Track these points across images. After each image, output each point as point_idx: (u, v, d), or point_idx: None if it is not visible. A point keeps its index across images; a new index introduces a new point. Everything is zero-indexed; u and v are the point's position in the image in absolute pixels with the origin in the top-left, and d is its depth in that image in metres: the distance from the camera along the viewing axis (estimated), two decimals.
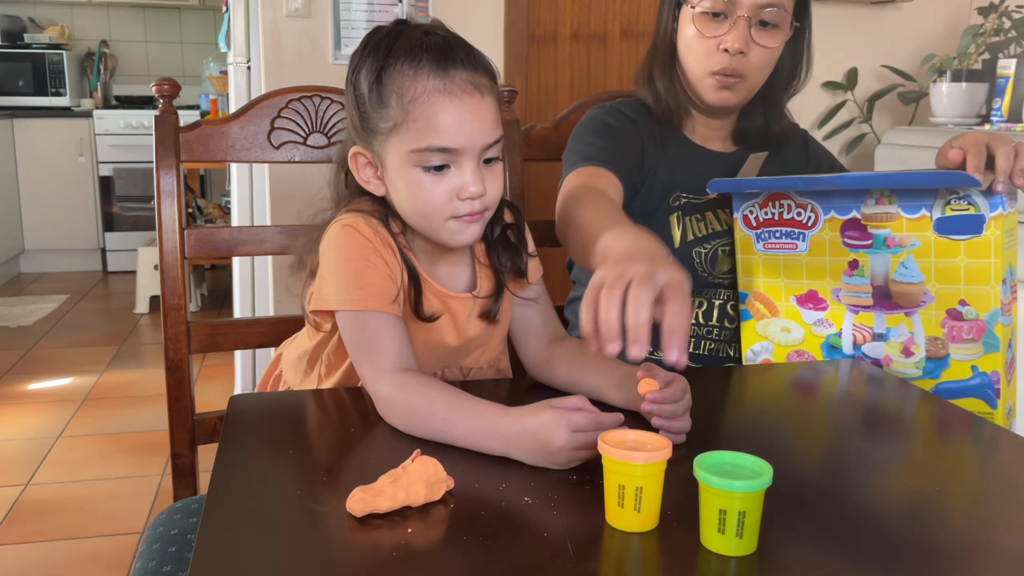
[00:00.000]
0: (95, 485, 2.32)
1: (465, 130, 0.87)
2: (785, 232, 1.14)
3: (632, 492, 0.64)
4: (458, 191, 0.88)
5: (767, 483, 0.62)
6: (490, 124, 0.89)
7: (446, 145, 0.86)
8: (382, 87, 0.88)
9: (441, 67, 0.87)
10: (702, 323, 1.25)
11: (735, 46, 1.14)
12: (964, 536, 0.67)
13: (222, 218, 4.07)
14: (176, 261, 1.18)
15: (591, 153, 1.18)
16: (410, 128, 0.87)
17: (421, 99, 0.86)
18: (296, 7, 2.41)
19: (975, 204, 1.03)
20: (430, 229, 0.92)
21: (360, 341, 0.90)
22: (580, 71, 2.79)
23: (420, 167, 0.88)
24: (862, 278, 1.11)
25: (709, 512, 0.62)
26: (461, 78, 0.87)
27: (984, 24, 2.60)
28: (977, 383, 1.08)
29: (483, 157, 0.89)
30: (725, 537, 0.62)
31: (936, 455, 0.87)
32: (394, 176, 0.91)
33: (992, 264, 1.03)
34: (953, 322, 1.07)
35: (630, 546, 0.64)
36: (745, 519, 0.61)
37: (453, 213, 0.89)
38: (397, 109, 0.87)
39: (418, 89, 0.86)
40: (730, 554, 0.62)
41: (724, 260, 1.24)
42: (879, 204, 1.08)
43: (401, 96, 0.87)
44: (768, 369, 1.15)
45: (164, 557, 1.02)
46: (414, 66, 0.87)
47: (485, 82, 0.89)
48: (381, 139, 0.90)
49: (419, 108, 0.86)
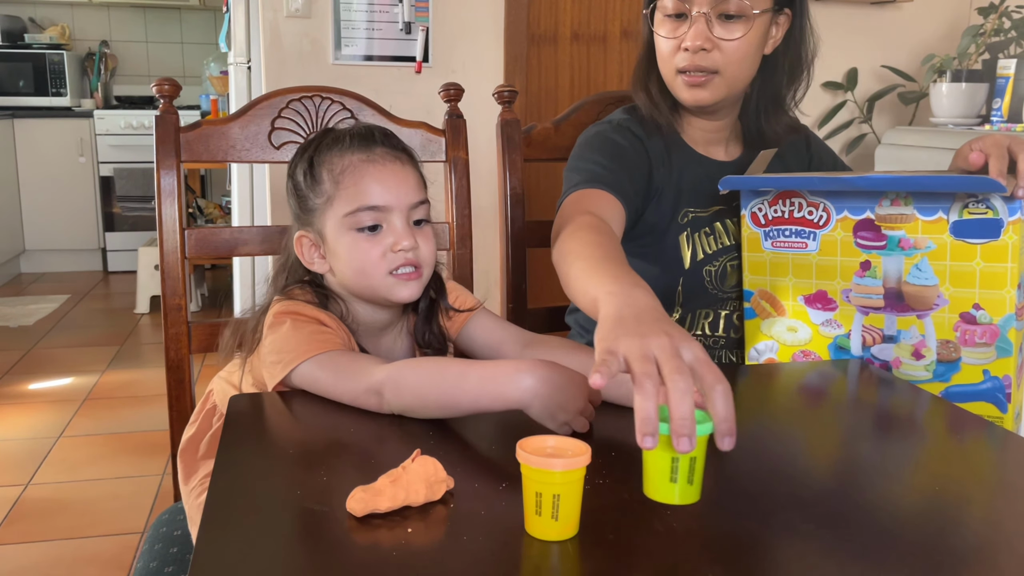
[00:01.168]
0: (95, 485, 2.32)
1: (390, 189, 0.96)
2: (795, 231, 1.14)
3: (549, 500, 0.63)
4: (392, 245, 0.96)
5: (709, 429, 0.66)
6: (413, 187, 0.99)
7: (375, 203, 0.95)
8: (314, 169, 0.99)
9: (364, 145, 0.98)
10: (708, 334, 1.25)
11: (694, 44, 1.13)
12: (972, 540, 0.67)
13: (222, 218, 4.07)
14: (176, 261, 1.18)
15: (594, 173, 1.16)
16: (342, 196, 0.96)
17: (348, 170, 0.97)
18: (296, 7, 2.41)
19: (994, 208, 1.02)
20: (371, 289, 0.98)
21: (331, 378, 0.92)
22: (580, 71, 2.79)
23: (355, 229, 0.96)
24: (874, 279, 1.10)
25: (658, 462, 0.66)
26: (382, 151, 0.98)
27: (984, 24, 2.60)
28: (988, 387, 1.07)
29: (412, 217, 0.98)
30: (677, 485, 0.67)
31: (944, 458, 0.87)
32: (334, 245, 0.98)
33: (1008, 269, 1.02)
34: (966, 326, 1.06)
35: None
36: (695, 465, 0.67)
37: (390, 267, 0.96)
38: (329, 183, 0.97)
39: (345, 163, 0.97)
40: (682, 503, 0.67)
41: (732, 275, 1.23)
42: (894, 205, 1.07)
43: (331, 171, 0.97)
44: (776, 369, 1.15)
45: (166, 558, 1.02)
46: (340, 148, 0.98)
47: (405, 156, 1.00)
48: (319, 215, 0.98)
49: (347, 177, 0.96)
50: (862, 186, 1.07)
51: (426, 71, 2.56)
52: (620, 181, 1.15)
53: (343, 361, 0.92)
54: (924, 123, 2.80)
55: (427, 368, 0.87)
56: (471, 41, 2.60)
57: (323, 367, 0.92)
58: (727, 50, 1.14)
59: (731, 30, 1.13)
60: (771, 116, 1.25)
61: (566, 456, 0.64)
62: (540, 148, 1.42)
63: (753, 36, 1.15)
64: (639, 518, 0.68)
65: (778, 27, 1.19)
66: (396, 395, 0.86)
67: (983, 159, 1.02)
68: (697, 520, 0.68)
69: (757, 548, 0.65)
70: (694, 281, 1.22)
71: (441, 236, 1.32)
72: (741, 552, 0.64)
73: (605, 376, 0.65)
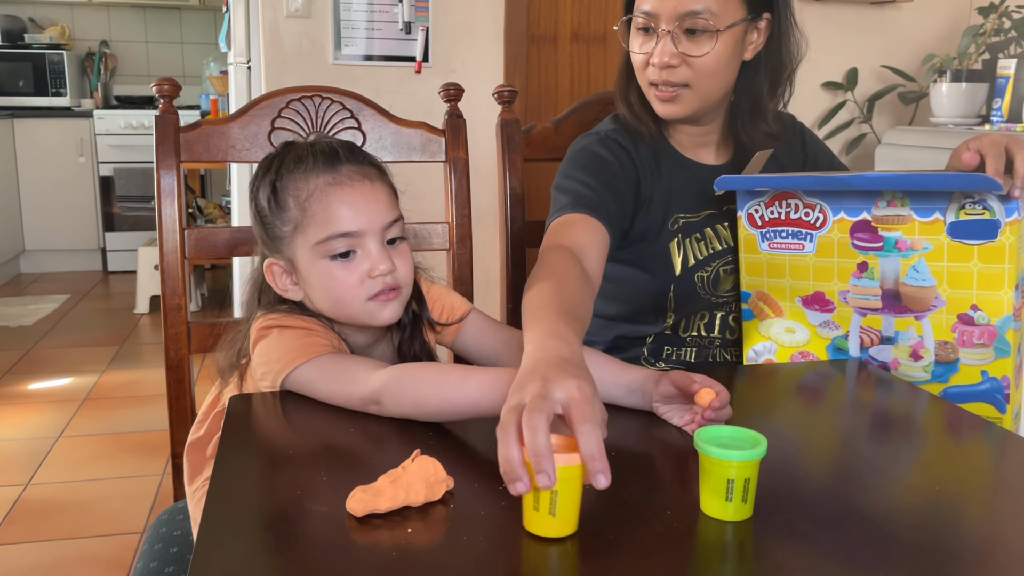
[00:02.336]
0: (95, 485, 2.32)
1: (361, 213, 0.92)
2: (792, 232, 1.14)
3: (547, 496, 0.63)
4: (368, 271, 0.93)
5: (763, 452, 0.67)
6: (385, 205, 0.94)
7: (346, 230, 0.91)
8: (278, 195, 0.94)
9: (328, 165, 0.93)
10: (704, 335, 1.25)
11: (660, 60, 1.12)
12: (971, 540, 0.67)
13: (222, 218, 4.07)
14: (176, 261, 1.18)
15: (579, 196, 1.15)
16: (311, 224, 0.92)
17: (315, 195, 0.92)
18: (296, 7, 2.41)
19: (990, 209, 1.02)
20: (349, 316, 0.95)
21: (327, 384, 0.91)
22: (580, 71, 2.79)
23: (327, 257, 0.92)
24: (871, 280, 1.10)
25: (715, 483, 0.67)
26: (348, 170, 0.93)
27: (984, 24, 2.60)
28: (986, 388, 1.07)
29: (386, 237, 0.94)
30: (732, 504, 0.67)
31: (943, 458, 0.86)
32: (306, 274, 0.94)
33: (1006, 269, 1.02)
34: (964, 327, 1.06)
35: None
36: (749, 486, 0.67)
37: (368, 294, 0.93)
38: (296, 210, 0.93)
39: (310, 187, 0.92)
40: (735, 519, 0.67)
41: (726, 280, 1.23)
42: (891, 206, 1.07)
43: (297, 197, 0.92)
44: (774, 369, 1.15)
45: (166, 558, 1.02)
46: (304, 170, 0.93)
47: (373, 172, 0.96)
48: (287, 243, 0.94)
49: (315, 203, 0.92)
50: (858, 185, 1.07)
51: (426, 71, 2.56)
52: (604, 203, 1.14)
53: (337, 366, 0.91)
54: (924, 123, 2.80)
55: (426, 374, 0.86)
56: (471, 41, 2.60)
57: (317, 371, 0.90)
58: (695, 65, 1.12)
59: (698, 45, 1.11)
60: (748, 122, 1.21)
61: (565, 453, 0.64)
62: (540, 148, 1.42)
63: (723, 49, 1.12)
64: (639, 518, 0.68)
65: (759, 32, 1.16)
66: (395, 403, 0.86)
67: (977, 159, 1.01)
68: (697, 520, 0.68)
69: (757, 548, 0.65)
70: (686, 287, 1.21)
71: (440, 236, 1.32)
72: (741, 552, 0.64)
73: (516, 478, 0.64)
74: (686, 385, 0.84)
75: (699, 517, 0.69)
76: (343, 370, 0.90)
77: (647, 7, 1.12)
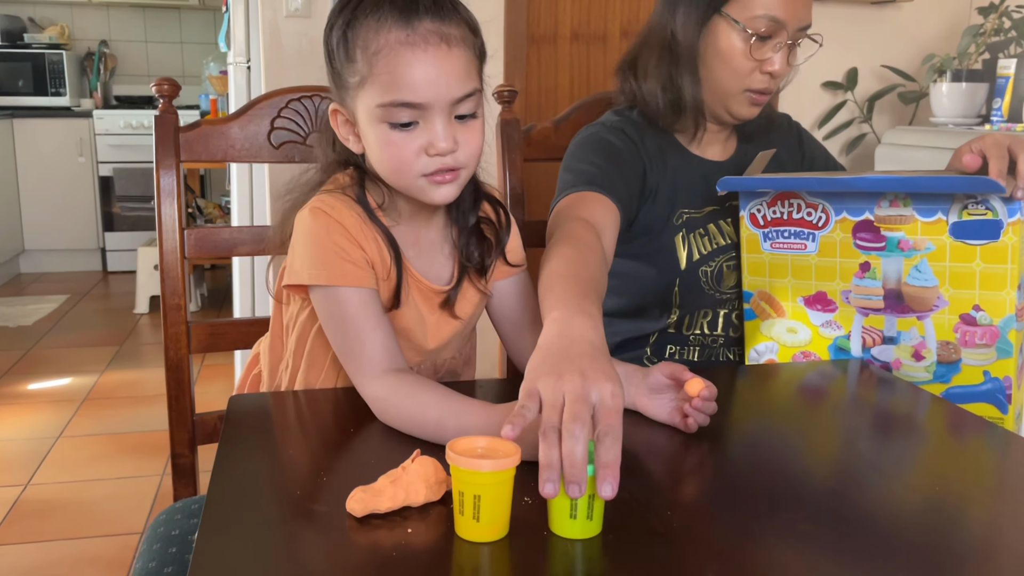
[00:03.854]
0: (95, 485, 2.32)
1: (431, 83, 0.83)
2: (794, 232, 1.14)
3: (471, 500, 0.63)
4: (427, 147, 0.85)
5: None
6: (460, 76, 0.85)
7: (410, 100, 0.83)
8: (348, 42, 0.86)
9: (404, 18, 0.83)
10: (707, 333, 1.25)
11: (781, 71, 1.14)
12: (972, 540, 0.67)
13: (222, 218, 4.07)
14: (176, 261, 1.18)
15: (589, 175, 1.14)
16: (375, 83, 0.84)
17: (384, 52, 0.83)
18: (296, 7, 2.41)
19: (993, 209, 1.02)
20: (404, 186, 0.90)
21: (339, 332, 0.90)
22: (580, 71, 2.79)
23: (387, 123, 0.85)
24: (873, 280, 1.10)
25: (559, 499, 0.63)
26: (426, 29, 0.83)
27: (984, 24, 2.60)
28: (988, 388, 1.07)
29: (454, 112, 0.86)
30: (578, 521, 0.64)
31: (944, 459, 0.86)
32: (365, 132, 0.89)
33: (1008, 270, 1.02)
34: (966, 327, 1.06)
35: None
36: (594, 503, 0.64)
37: (423, 171, 0.87)
38: (362, 63, 0.85)
39: (381, 42, 0.83)
40: (581, 537, 0.64)
41: (729, 275, 1.23)
42: (893, 206, 1.07)
43: (365, 50, 0.84)
44: (776, 369, 1.15)
45: (164, 557, 1.02)
46: (377, 18, 0.84)
47: (455, 32, 0.85)
48: (351, 94, 0.88)
49: (382, 61, 0.83)
50: (861, 187, 1.07)
51: None
52: (614, 183, 1.14)
53: (353, 335, 0.89)
54: (924, 123, 2.80)
55: (409, 406, 0.84)
56: None
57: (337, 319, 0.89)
58: (785, 72, 1.16)
59: (795, 57, 1.16)
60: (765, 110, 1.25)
61: (496, 457, 0.64)
62: (540, 148, 1.42)
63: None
64: (639, 518, 0.68)
65: None
66: (381, 417, 0.86)
67: (978, 162, 1.01)
68: (697, 520, 0.68)
69: (757, 548, 0.65)
70: (691, 282, 1.21)
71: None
72: (741, 552, 0.64)
73: (517, 428, 0.64)
74: (678, 373, 0.84)
75: (699, 517, 0.69)
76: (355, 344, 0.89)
77: (776, 14, 1.11)
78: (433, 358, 1.03)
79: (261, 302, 2.67)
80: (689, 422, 0.85)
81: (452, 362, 1.06)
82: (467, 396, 0.84)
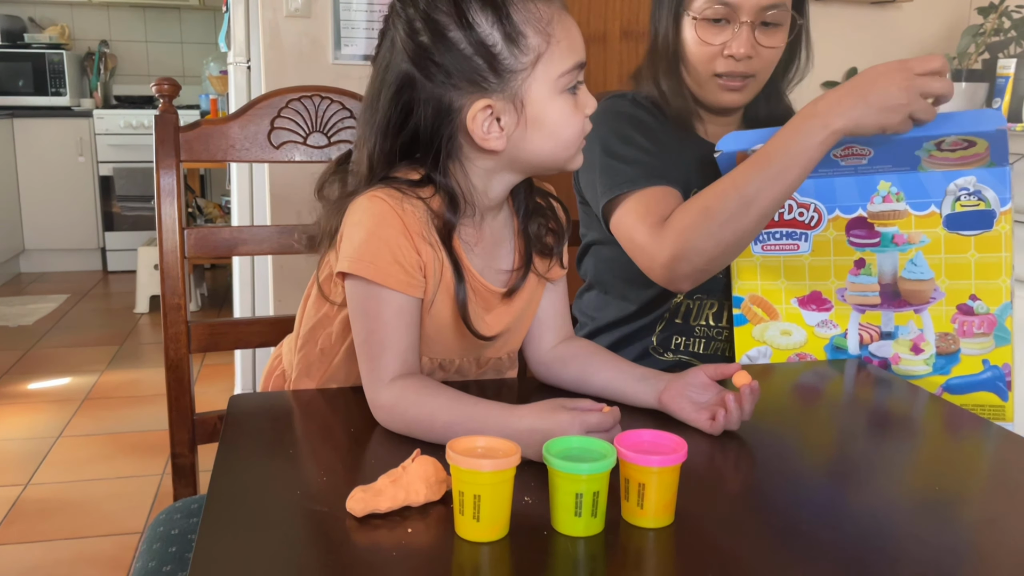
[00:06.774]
0: (95, 485, 2.32)
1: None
2: (786, 233, 1.14)
3: (471, 500, 0.63)
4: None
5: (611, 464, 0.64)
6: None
7: (581, 60, 0.86)
8: (512, 27, 0.83)
9: None
10: (712, 324, 1.25)
11: (741, 52, 1.13)
12: (970, 539, 0.67)
13: (222, 218, 4.07)
14: (176, 261, 1.18)
15: (646, 167, 1.14)
16: (555, 50, 0.84)
17: (556, 19, 0.85)
18: (296, 7, 2.40)
19: (985, 200, 1.03)
20: (570, 158, 0.90)
21: (365, 329, 0.87)
22: None
23: (567, 91, 0.86)
24: (869, 277, 1.11)
25: (564, 497, 0.64)
26: None
27: (984, 24, 2.60)
28: (988, 376, 1.08)
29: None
30: (582, 519, 0.64)
31: (942, 458, 0.87)
32: (542, 110, 0.86)
33: (1003, 258, 1.04)
34: (964, 317, 1.07)
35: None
36: (598, 499, 0.64)
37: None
38: (536, 39, 0.84)
39: (546, 12, 0.85)
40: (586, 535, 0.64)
41: None
42: (886, 202, 1.08)
43: (537, 23, 0.84)
44: (772, 369, 1.15)
45: (164, 557, 1.02)
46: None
47: None
48: (519, 79, 0.84)
49: (559, 28, 0.85)
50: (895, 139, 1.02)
51: None
52: (668, 168, 1.16)
53: (377, 337, 0.86)
54: None
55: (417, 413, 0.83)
56: None
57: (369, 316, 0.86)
58: (765, 56, 1.15)
59: (771, 37, 1.15)
60: (774, 102, 1.26)
61: (496, 457, 0.64)
62: None
63: (784, 40, 1.17)
64: None
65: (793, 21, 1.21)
66: (387, 425, 0.85)
67: None
68: (696, 520, 0.68)
69: (756, 548, 0.65)
70: None
71: None
72: (740, 552, 0.64)
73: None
74: (724, 369, 0.88)
75: (698, 517, 0.68)
76: (376, 347, 0.86)
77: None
78: (477, 353, 1.00)
79: (261, 302, 2.67)
80: (715, 423, 0.84)
81: (498, 362, 1.03)
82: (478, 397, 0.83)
